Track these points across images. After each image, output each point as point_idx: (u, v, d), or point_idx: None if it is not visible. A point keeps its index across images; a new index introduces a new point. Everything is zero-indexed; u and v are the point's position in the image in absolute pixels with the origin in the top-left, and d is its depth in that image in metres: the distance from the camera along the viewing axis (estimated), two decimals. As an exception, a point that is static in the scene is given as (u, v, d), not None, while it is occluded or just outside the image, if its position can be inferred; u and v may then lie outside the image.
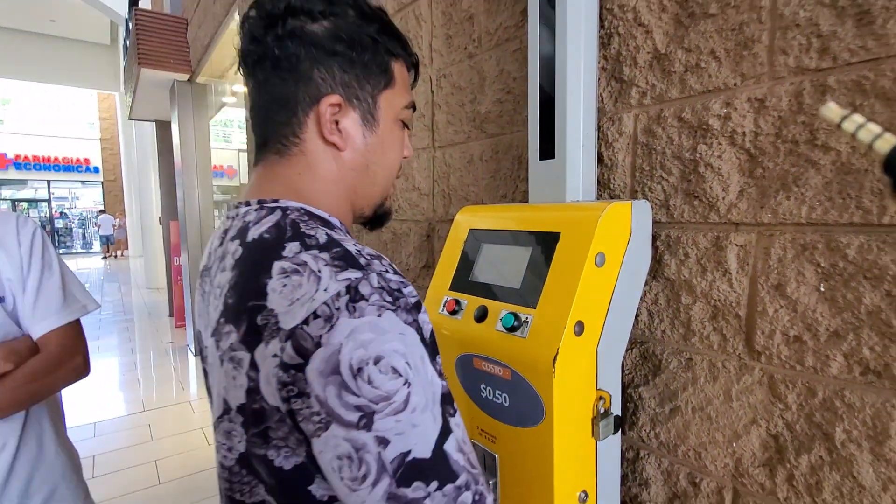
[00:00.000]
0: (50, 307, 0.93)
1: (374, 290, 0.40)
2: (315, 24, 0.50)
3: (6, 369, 0.84)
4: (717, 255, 0.73)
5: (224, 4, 3.31)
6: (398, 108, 0.57)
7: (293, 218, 0.47)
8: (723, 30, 0.70)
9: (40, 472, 0.93)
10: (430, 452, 0.39)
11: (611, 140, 0.87)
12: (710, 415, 0.75)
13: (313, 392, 0.38)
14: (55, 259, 0.97)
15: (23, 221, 0.95)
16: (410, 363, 0.39)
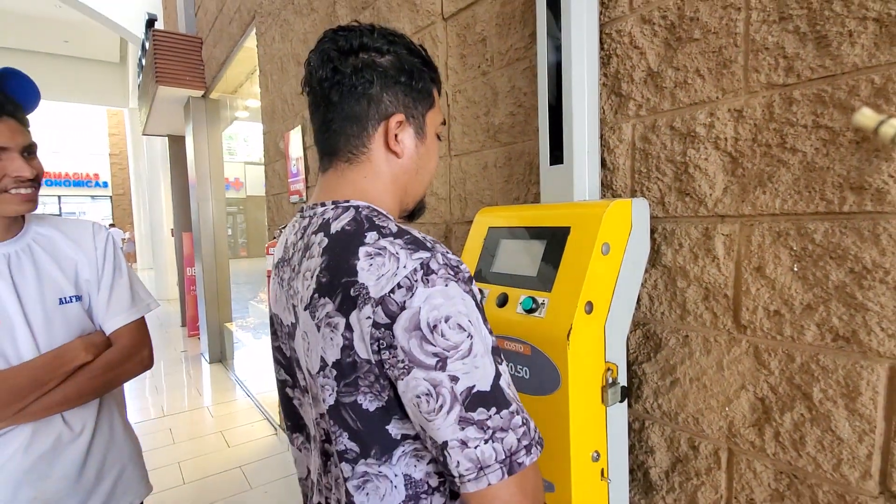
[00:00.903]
0: (121, 305, 1.04)
1: (440, 266, 0.52)
2: (383, 58, 0.63)
3: (86, 360, 0.95)
4: (707, 243, 0.85)
5: (240, 25, 3.47)
6: (437, 125, 0.71)
7: (366, 213, 0.59)
8: (705, 52, 0.82)
9: (112, 454, 1.04)
10: (489, 386, 0.50)
11: (612, 147, 0.99)
12: (706, 384, 0.86)
13: (399, 344, 0.50)
14: (123, 262, 1.09)
15: (97, 228, 1.08)
16: (472, 321, 0.51)
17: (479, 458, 0.49)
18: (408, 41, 0.67)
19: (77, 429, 0.97)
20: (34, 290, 0.95)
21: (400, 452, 0.55)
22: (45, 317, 0.95)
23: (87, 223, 1.07)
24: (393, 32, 0.66)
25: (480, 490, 0.49)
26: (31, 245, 0.98)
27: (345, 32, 0.64)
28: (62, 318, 0.97)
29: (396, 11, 1.63)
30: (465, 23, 1.35)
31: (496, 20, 1.25)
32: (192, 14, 4.89)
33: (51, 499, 0.94)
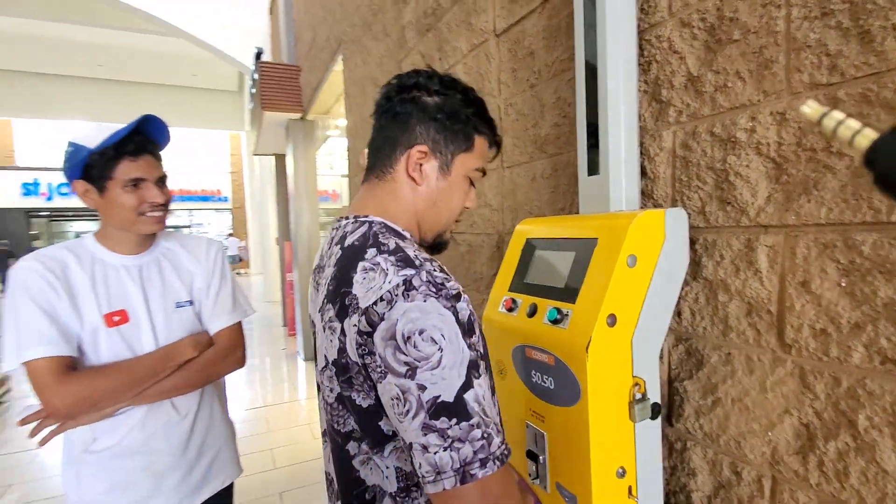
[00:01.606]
0: (224, 309, 1.21)
1: (422, 283, 0.57)
2: (429, 97, 0.72)
3: (192, 356, 1.12)
4: (749, 255, 0.79)
5: (330, 52, 3.79)
6: (469, 168, 0.76)
7: (375, 230, 0.66)
8: (745, 53, 0.78)
9: (210, 436, 1.21)
10: (453, 398, 0.54)
11: (652, 155, 0.96)
12: (748, 405, 0.80)
13: (377, 351, 0.55)
14: (229, 272, 1.27)
15: (210, 243, 1.27)
16: (445, 335, 0.55)
17: (438, 463, 0.52)
18: (469, 93, 0.74)
19: (182, 412, 1.15)
20: (158, 295, 1.14)
21: (391, 447, 0.60)
22: (164, 318, 1.14)
23: (203, 239, 1.28)
24: (454, 81, 0.75)
25: (438, 493, 0.53)
26: (159, 258, 1.18)
27: (411, 73, 0.74)
28: (177, 319, 1.15)
29: (455, 31, 1.71)
30: (516, 38, 1.38)
31: (543, 33, 1.26)
32: (292, 45, 5.42)
33: (159, 469, 1.12)
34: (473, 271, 1.67)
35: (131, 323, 1.09)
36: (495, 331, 1.03)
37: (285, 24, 5.51)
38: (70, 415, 1.00)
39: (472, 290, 1.70)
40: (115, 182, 1.06)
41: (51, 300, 1.01)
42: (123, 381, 1.03)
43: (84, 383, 1.00)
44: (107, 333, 1.06)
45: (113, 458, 1.08)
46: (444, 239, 0.79)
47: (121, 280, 1.11)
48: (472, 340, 0.58)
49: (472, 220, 1.66)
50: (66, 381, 0.98)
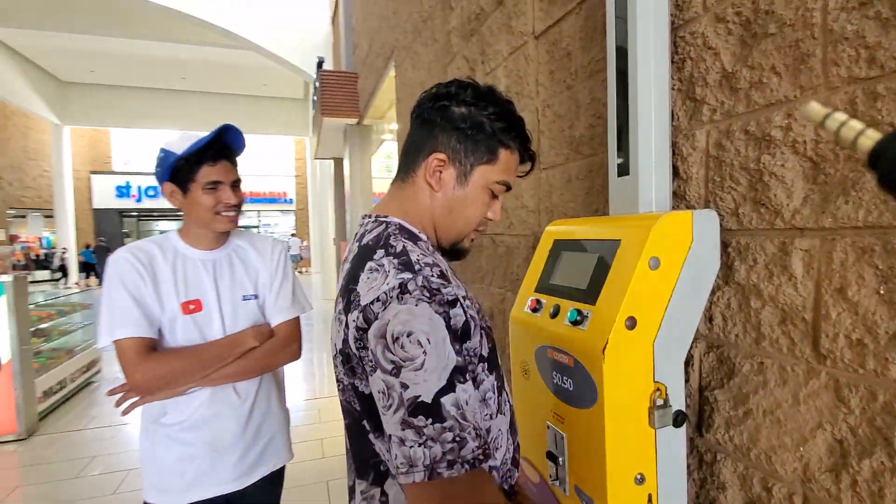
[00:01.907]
0: (284, 304, 1.29)
1: (417, 288, 0.60)
2: (457, 108, 0.73)
3: (254, 345, 1.21)
4: (783, 260, 0.75)
5: (384, 59, 3.92)
6: (490, 181, 0.75)
7: (389, 231, 0.70)
8: (781, 47, 0.74)
9: (267, 421, 1.30)
10: (430, 399, 0.56)
11: (685, 155, 0.93)
12: (780, 418, 0.76)
13: (370, 346, 0.59)
14: (291, 270, 1.35)
15: (275, 243, 1.35)
16: (431, 340, 0.57)
17: (412, 457, 0.55)
18: (503, 106, 0.74)
19: (243, 396, 1.25)
20: (228, 288, 1.25)
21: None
22: (232, 308, 1.24)
23: (269, 239, 1.36)
24: (490, 94, 0.75)
25: (408, 484, 0.56)
26: (231, 254, 1.28)
27: (451, 83, 0.77)
28: (243, 311, 1.26)
29: (497, 35, 1.72)
30: (553, 39, 1.37)
31: (580, 34, 1.25)
32: (350, 53, 5.65)
33: (220, 446, 1.22)
34: (510, 272, 1.68)
35: (204, 312, 1.21)
36: (520, 331, 1.04)
37: (345, 33, 5.75)
38: (149, 390, 1.13)
39: (508, 290, 1.70)
40: (197, 184, 1.18)
41: (139, 287, 1.14)
42: (194, 363, 1.15)
43: (162, 363, 1.12)
44: (183, 320, 1.18)
45: (181, 431, 1.19)
46: (461, 247, 0.80)
47: (197, 272, 1.22)
48: (462, 346, 0.60)
49: (509, 222, 1.66)
50: (148, 359, 1.11)
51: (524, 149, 0.77)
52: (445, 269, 0.68)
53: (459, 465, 0.56)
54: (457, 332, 0.60)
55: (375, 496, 0.70)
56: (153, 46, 12.51)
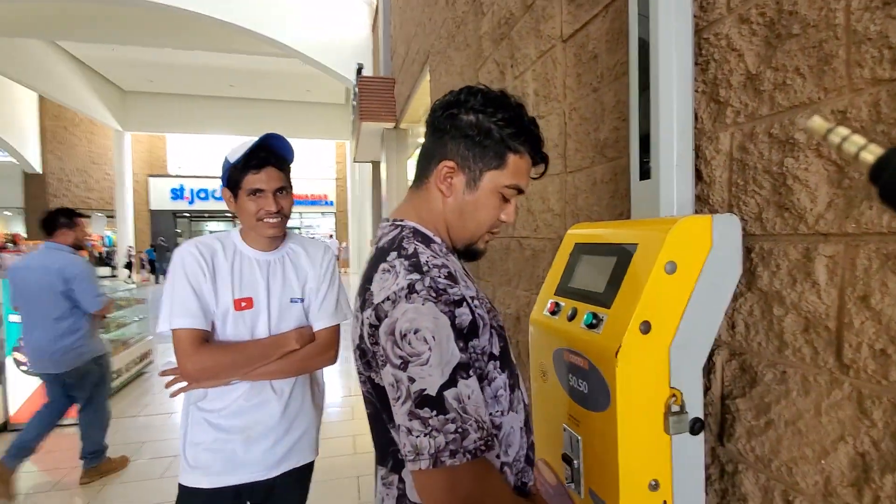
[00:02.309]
0: (327, 311, 1.33)
1: (424, 288, 0.63)
2: (465, 115, 0.76)
3: (295, 348, 1.27)
4: (807, 266, 0.73)
5: (419, 64, 3.99)
6: (500, 185, 0.77)
7: (403, 235, 0.74)
8: (805, 48, 0.73)
9: (300, 417, 1.36)
10: (435, 392, 0.60)
11: (709, 158, 0.92)
12: (801, 429, 0.74)
13: (381, 342, 0.63)
14: (338, 278, 1.39)
15: (325, 248, 1.38)
16: (436, 337, 0.61)
17: (417, 445, 0.59)
18: (513, 111, 0.76)
19: (279, 392, 1.31)
20: (278, 290, 1.30)
21: None
22: (279, 309, 1.30)
23: (322, 245, 1.41)
24: (500, 99, 0.76)
25: (414, 471, 0.59)
26: (283, 257, 1.34)
27: (462, 90, 0.79)
28: (290, 313, 1.31)
29: (525, 39, 1.73)
30: (581, 42, 1.37)
31: (606, 37, 1.25)
32: (388, 59, 5.77)
33: (254, 434, 1.29)
34: (537, 275, 1.68)
35: (254, 310, 1.27)
36: (539, 333, 1.05)
37: (383, 40, 5.88)
38: (197, 379, 1.22)
39: (534, 294, 1.71)
40: (243, 191, 1.25)
41: (199, 280, 1.22)
42: (239, 360, 1.22)
43: (211, 355, 1.20)
44: (234, 316, 1.26)
45: (219, 417, 1.27)
46: (475, 248, 0.82)
47: (252, 271, 1.29)
48: (467, 344, 0.63)
49: (535, 226, 1.67)
50: (200, 350, 1.19)
51: (535, 151, 0.78)
52: (455, 270, 0.71)
53: (461, 454, 0.59)
54: (462, 330, 0.63)
55: (394, 482, 0.74)
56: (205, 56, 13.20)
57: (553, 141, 1.54)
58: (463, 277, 0.74)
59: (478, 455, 0.59)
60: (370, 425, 0.80)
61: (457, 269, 0.74)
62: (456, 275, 0.70)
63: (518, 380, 0.82)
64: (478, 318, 0.67)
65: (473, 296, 0.71)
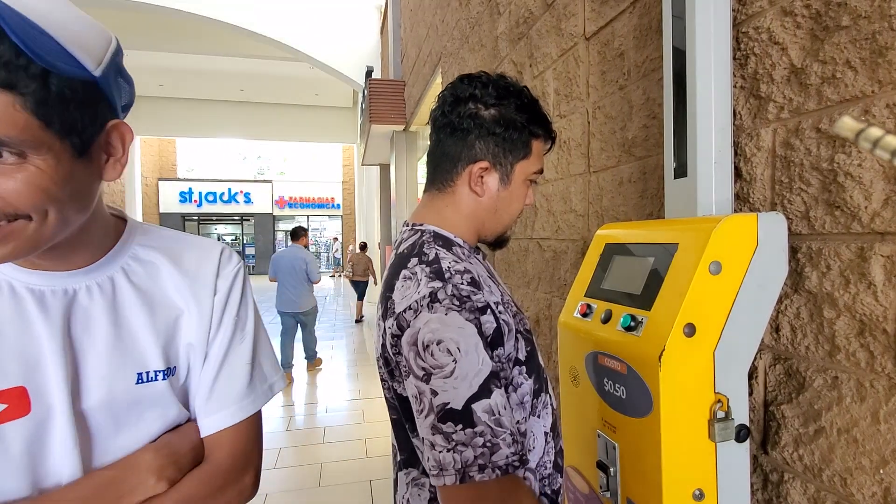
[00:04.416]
0: (231, 392, 0.61)
1: (447, 296, 0.61)
2: (486, 111, 0.74)
3: (157, 491, 0.54)
4: (861, 266, 0.70)
5: (431, 66, 3.98)
6: (529, 173, 0.78)
7: (423, 240, 0.72)
8: (856, 40, 0.70)
9: None
10: (461, 406, 0.57)
11: (749, 155, 0.89)
12: (857, 438, 0.70)
13: (403, 352, 0.61)
14: (251, 311, 0.65)
15: (226, 258, 0.65)
16: (461, 348, 0.58)
17: (441, 461, 0.56)
18: (523, 97, 0.76)
19: None
20: (99, 356, 0.56)
21: None
22: (107, 405, 0.56)
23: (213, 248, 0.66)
24: (508, 88, 0.75)
25: (439, 486, 0.57)
26: (115, 277, 0.59)
27: (465, 83, 0.76)
28: (136, 407, 0.57)
29: (545, 38, 1.71)
30: (605, 40, 1.35)
31: (634, 33, 1.22)
32: (398, 62, 5.77)
33: None
34: (558, 277, 1.65)
35: (32, 416, 0.52)
36: (569, 336, 1.02)
37: (393, 42, 5.88)
38: None
39: (555, 296, 1.68)
40: None
41: None
42: None
43: None
44: None
45: None
46: (505, 237, 0.83)
47: (24, 322, 0.53)
48: (497, 352, 0.61)
49: (557, 227, 1.64)
50: None
51: (547, 130, 0.79)
52: (478, 274, 0.68)
53: (490, 469, 0.56)
54: (488, 338, 0.61)
55: (426, 484, 0.73)
56: (216, 61, 13.29)
57: (576, 140, 1.51)
58: (487, 281, 0.71)
59: (508, 471, 0.56)
60: (393, 430, 0.78)
61: (480, 274, 0.71)
62: (479, 280, 0.68)
63: (545, 383, 0.79)
64: (503, 324, 0.65)
65: (498, 301, 0.69)
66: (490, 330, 0.62)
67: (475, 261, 0.76)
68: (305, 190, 20.92)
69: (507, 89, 0.75)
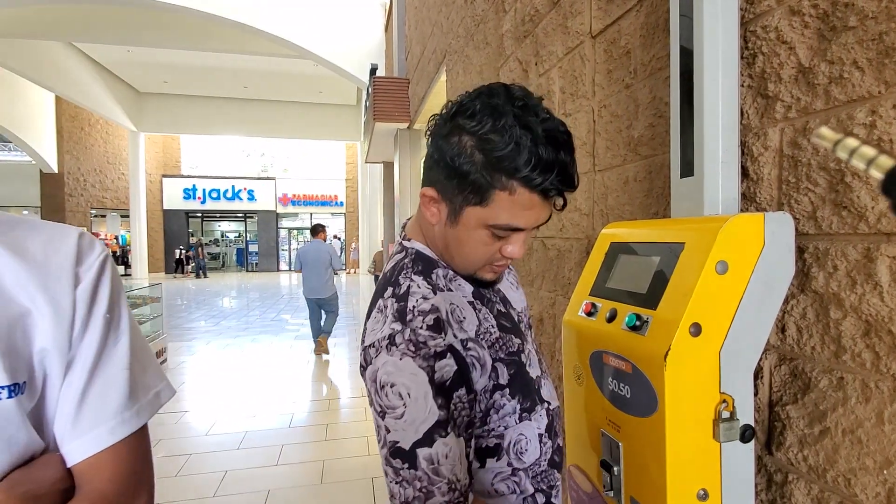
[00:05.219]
0: (107, 405, 0.49)
1: (404, 341, 0.62)
2: (450, 139, 0.64)
3: None
4: (868, 267, 0.70)
5: (435, 64, 3.97)
6: (484, 223, 0.65)
7: (404, 263, 0.72)
8: (863, 41, 0.69)
9: None
10: (407, 447, 0.60)
11: (756, 155, 0.89)
12: (861, 438, 0.70)
13: (367, 385, 0.64)
14: (126, 307, 0.54)
15: (88, 243, 0.52)
16: (411, 394, 0.60)
17: (391, 490, 0.61)
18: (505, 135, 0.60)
19: None
20: None
21: None
22: None
23: (68, 233, 0.52)
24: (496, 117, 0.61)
25: None
26: None
27: (456, 103, 0.66)
28: None
29: (552, 36, 1.71)
30: (612, 38, 1.35)
31: (640, 31, 1.22)
32: (403, 60, 5.77)
33: None
34: (562, 276, 1.65)
35: None
36: (573, 335, 1.02)
37: (397, 40, 5.88)
38: None
39: (559, 295, 1.68)
40: None
41: None
42: None
43: None
44: None
45: None
46: (480, 278, 0.73)
47: None
48: (458, 393, 0.62)
49: (561, 225, 1.64)
50: None
51: (534, 184, 0.61)
52: (449, 310, 0.67)
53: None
54: (444, 384, 0.62)
55: None
56: (220, 58, 13.32)
57: (581, 139, 1.51)
58: (461, 314, 0.69)
59: None
60: None
61: (456, 307, 0.69)
62: (446, 319, 0.66)
63: (538, 393, 0.80)
64: (471, 363, 0.66)
65: (469, 337, 0.68)
66: (448, 374, 0.62)
67: (456, 286, 0.73)
68: (309, 188, 20.96)
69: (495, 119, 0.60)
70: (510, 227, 0.65)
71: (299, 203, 21.02)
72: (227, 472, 2.96)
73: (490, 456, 0.73)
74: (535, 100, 0.66)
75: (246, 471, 2.97)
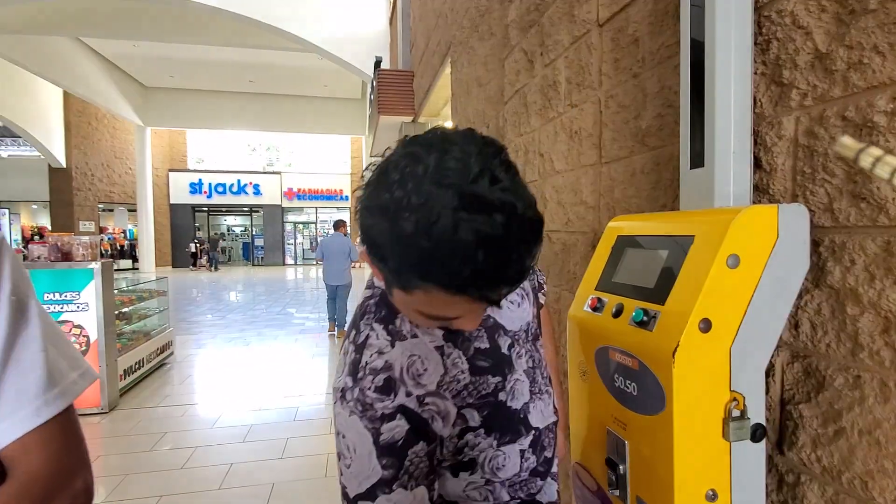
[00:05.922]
0: (27, 387, 0.48)
1: (352, 399, 0.62)
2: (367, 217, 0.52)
3: None
4: (888, 261, 0.67)
5: (440, 56, 3.93)
6: (414, 308, 0.57)
7: (368, 306, 0.71)
8: (884, 24, 0.66)
9: None
10: (352, 496, 0.62)
11: (769, 145, 0.85)
12: (879, 440, 0.67)
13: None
14: (32, 290, 0.52)
15: None
16: (357, 451, 0.61)
17: None
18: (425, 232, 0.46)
19: None
20: None
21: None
22: None
23: None
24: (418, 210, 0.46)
25: None
26: None
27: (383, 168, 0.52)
28: None
29: (557, 25, 1.67)
30: (619, 26, 1.31)
31: (649, 19, 1.19)
32: (408, 52, 5.72)
33: None
34: (567, 270, 1.63)
35: None
36: (578, 330, 1.00)
37: (402, 33, 5.82)
38: None
39: (564, 289, 1.65)
40: None
41: None
42: None
43: None
44: None
45: None
46: (450, 328, 0.64)
47: None
48: (403, 454, 0.61)
49: (566, 218, 1.61)
50: None
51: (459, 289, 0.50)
52: (403, 368, 0.63)
53: None
54: (393, 445, 0.61)
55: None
56: (225, 52, 13.31)
57: (587, 130, 1.47)
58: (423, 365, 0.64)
59: None
60: None
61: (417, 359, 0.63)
62: (399, 378, 0.62)
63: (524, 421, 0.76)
64: (429, 419, 0.64)
65: (427, 392, 0.64)
66: (399, 435, 0.61)
67: (424, 330, 0.66)
68: (314, 182, 20.97)
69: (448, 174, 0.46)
70: (438, 317, 0.57)
71: (304, 197, 21.04)
72: (232, 464, 2.97)
73: (464, 470, 0.71)
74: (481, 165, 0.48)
75: (251, 464, 2.98)
